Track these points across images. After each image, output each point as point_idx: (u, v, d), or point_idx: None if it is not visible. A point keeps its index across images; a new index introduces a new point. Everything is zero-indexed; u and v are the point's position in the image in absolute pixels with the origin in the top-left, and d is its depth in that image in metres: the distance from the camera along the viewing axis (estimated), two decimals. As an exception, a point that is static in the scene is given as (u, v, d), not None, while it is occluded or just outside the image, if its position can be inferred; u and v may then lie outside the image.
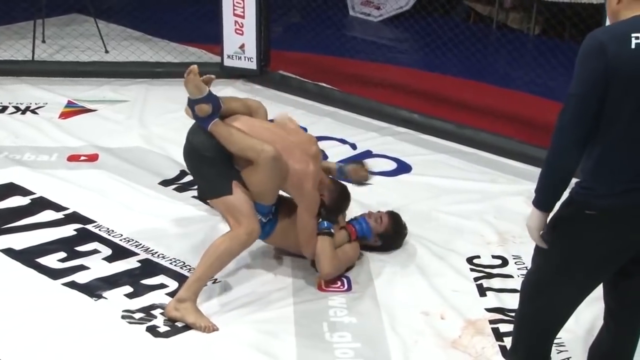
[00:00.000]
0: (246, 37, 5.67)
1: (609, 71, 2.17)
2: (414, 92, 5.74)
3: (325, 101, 5.55)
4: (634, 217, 2.27)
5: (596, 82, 2.19)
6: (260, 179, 3.23)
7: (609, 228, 2.28)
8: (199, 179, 3.51)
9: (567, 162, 2.27)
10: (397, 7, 7.79)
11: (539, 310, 2.47)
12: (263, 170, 3.20)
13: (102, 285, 3.34)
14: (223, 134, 3.23)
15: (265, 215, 3.38)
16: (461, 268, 3.60)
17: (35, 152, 4.58)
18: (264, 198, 3.30)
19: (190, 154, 3.35)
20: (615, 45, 2.18)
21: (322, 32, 6.76)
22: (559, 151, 2.27)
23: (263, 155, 3.18)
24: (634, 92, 2.19)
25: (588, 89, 2.20)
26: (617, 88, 2.19)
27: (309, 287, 3.41)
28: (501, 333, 3.14)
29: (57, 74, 5.81)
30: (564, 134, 2.25)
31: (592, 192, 2.27)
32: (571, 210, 2.33)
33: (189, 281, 3.19)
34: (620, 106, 2.20)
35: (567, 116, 2.24)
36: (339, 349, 3.02)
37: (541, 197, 2.34)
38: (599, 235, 2.29)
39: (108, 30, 6.71)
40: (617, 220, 2.27)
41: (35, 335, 3.01)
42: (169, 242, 3.68)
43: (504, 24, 7.38)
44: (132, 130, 4.96)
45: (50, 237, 3.68)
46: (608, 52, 2.16)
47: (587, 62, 2.21)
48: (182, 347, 3.00)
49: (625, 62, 2.17)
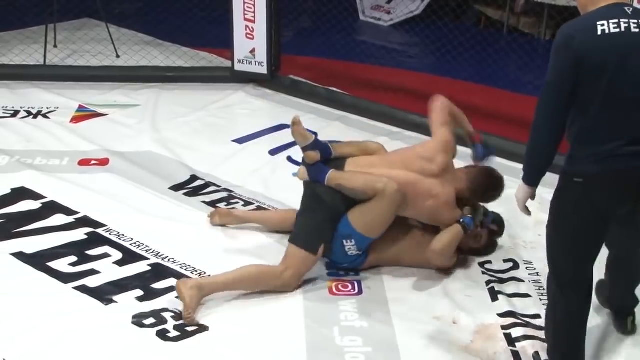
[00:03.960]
0: (257, 42, 5.67)
1: (578, 60, 2.45)
2: (425, 97, 5.70)
3: (335, 106, 5.54)
4: (614, 183, 2.54)
5: (566, 71, 2.47)
6: (380, 210, 3.34)
7: (594, 193, 2.56)
8: (301, 219, 3.47)
9: (546, 143, 2.59)
10: (408, 11, 7.78)
11: (551, 259, 2.77)
12: (386, 201, 3.31)
13: (113, 289, 3.34)
14: (342, 179, 3.37)
15: (360, 249, 3.43)
16: (473, 273, 3.58)
17: (47, 157, 4.59)
18: (375, 231, 3.39)
19: (309, 193, 3.45)
20: (582, 36, 2.46)
21: (333, 36, 6.76)
22: (538, 133, 2.60)
23: (389, 188, 3.31)
24: (603, 75, 2.44)
25: (559, 77, 2.49)
26: (588, 73, 2.45)
27: (320, 291, 3.40)
28: (513, 338, 3.12)
29: (69, 79, 5.83)
30: (542, 118, 2.57)
31: (578, 163, 2.57)
32: (563, 179, 2.64)
33: (217, 279, 3.26)
34: (592, 89, 2.46)
35: (543, 103, 2.55)
36: (350, 353, 3.01)
37: (527, 173, 2.68)
38: (585, 199, 2.57)
39: (119, 35, 6.73)
40: (600, 186, 2.55)
41: (45, 339, 3.01)
42: (179, 246, 3.68)
43: (515, 29, 7.36)
44: (143, 135, 4.97)
45: (61, 241, 3.69)
46: (575, 43, 2.45)
47: (557, 54, 2.51)
48: (191, 352, 2.99)
49: (592, 49, 2.44)
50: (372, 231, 3.40)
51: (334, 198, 3.38)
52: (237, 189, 4.30)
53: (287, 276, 3.31)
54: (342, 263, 3.50)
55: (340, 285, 3.44)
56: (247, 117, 5.40)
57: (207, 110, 5.47)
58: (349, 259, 3.47)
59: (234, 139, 4.98)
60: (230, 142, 4.94)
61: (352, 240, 3.39)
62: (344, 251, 3.43)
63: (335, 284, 3.45)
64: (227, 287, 3.28)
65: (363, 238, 3.40)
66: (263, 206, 4.09)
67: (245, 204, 4.14)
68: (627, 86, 2.47)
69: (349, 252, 3.43)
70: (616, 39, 2.44)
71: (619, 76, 2.45)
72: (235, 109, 5.56)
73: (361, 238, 3.40)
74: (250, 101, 5.67)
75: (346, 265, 3.51)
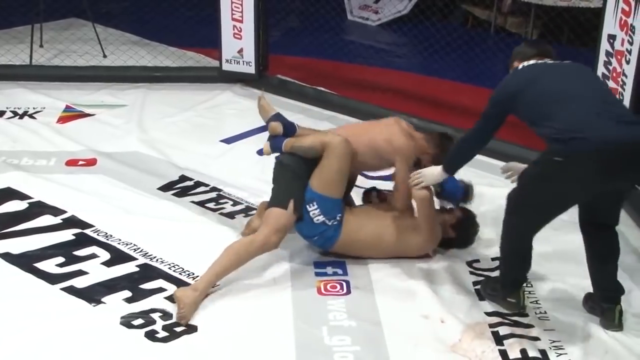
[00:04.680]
0: (244, 42, 5.67)
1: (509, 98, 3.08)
2: (413, 96, 5.74)
3: (323, 105, 5.55)
4: (585, 160, 2.82)
5: (502, 107, 3.13)
6: (331, 163, 3.44)
7: (571, 170, 2.85)
8: (273, 189, 3.58)
9: (478, 150, 3.29)
10: (395, 11, 7.80)
11: (518, 223, 3.13)
12: (334, 152, 3.43)
13: (101, 289, 3.33)
14: (295, 141, 3.55)
15: (330, 218, 3.46)
16: (460, 272, 3.60)
17: (33, 157, 4.57)
18: (332, 187, 3.45)
19: (276, 165, 3.61)
20: (506, 83, 3.12)
21: (321, 36, 6.77)
22: (476, 145, 3.27)
23: (333, 141, 3.45)
24: (533, 89, 3.00)
25: (497, 113, 3.15)
26: (522, 97, 3.02)
27: (308, 291, 3.40)
28: (501, 336, 3.13)
29: (55, 79, 5.81)
30: (481, 134, 3.23)
31: (555, 144, 2.88)
32: (544, 159, 2.97)
33: (206, 274, 3.28)
34: (532, 104, 2.98)
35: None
36: (339, 352, 3.01)
37: (451, 166, 3.35)
38: (563, 175, 2.86)
39: (106, 34, 6.71)
40: (575, 164, 2.84)
41: (33, 341, 2.99)
42: (167, 246, 3.67)
43: (502, 28, 7.39)
44: (130, 135, 4.96)
45: (48, 242, 3.67)
46: (511, 86, 3.09)
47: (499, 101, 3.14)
48: (180, 353, 2.99)
49: (514, 82, 3.09)
50: (328, 188, 3.45)
51: (295, 160, 3.53)
52: (226, 188, 4.30)
53: (262, 235, 3.38)
54: (312, 235, 3.52)
55: (329, 285, 3.44)
56: (235, 117, 5.40)
57: (195, 110, 5.46)
58: (317, 229, 3.48)
59: (222, 139, 4.98)
60: (218, 142, 4.94)
61: (314, 203, 3.44)
62: (310, 218, 3.46)
63: (323, 283, 3.46)
64: (219, 276, 3.31)
65: (323, 199, 3.44)
66: (252, 206, 4.09)
67: (234, 203, 4.14)
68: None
69: (315, 219, 3.46)
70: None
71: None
72: (223, 109, 5.56)
73: (322, 199, 3.44)
74: (238, 101, 5.67)
75: (316, 239, 3.53)
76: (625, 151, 2.80)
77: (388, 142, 3.58)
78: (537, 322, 3.24)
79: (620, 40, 4.06)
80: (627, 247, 3.86)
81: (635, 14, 3.93)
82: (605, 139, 2.79)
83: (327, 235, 3.52)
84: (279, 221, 3.41)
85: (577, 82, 3.00)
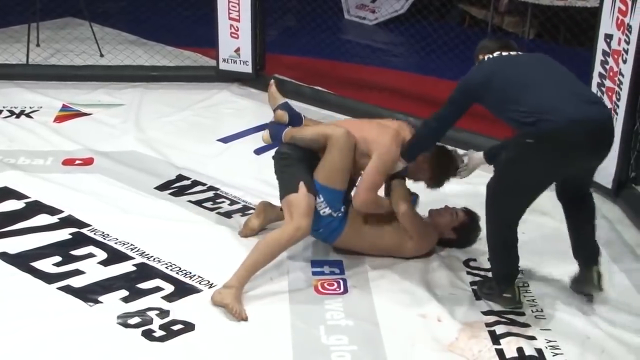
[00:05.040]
0: (241, 41, 5.67)
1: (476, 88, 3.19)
2: (410, 96, 5.74)
3: (320, 105, 5.54)
4: (555, 140, 2.94)
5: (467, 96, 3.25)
6: (334, 156, 3.44)
7: (542, 150, 2.96)
8: (279, 182, 3.59)
9: (438, 138, 3.40)
10: (392, 10, 7.80)
11: (500, 210, 3.21)
12: (336, 145, 3.43)
13: (98, 289, 3.32)
14: (296, 132, 3.57)
15: (336, 210, 3.47)
16: (457, 271, 3.60)
17: (30, 156, 4.56)
18: (336, 179, 3.46)
19: (275, 158, 3.62)
20: (473, 73, 3.24)
21: (318, 35, 6.77)
22: (436, 133, 3.37)
23: (336, 132, 3.46)
24: (499, 78, 3.11)
25: (461, 101, 3.28)
26: (488, 87, 3.12)
27: (305, 290, 3.40)
28: (497, 335, 3.14)
29: (52, 78, 5.80)
30: (443, 124, 3.33)
31: (524, 127, 2.98)
32: (515, 142, 3.09)
33: (238, 270, 3.29)
34: (498, 91, 3.09)
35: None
36: (336, 352, 3.01)
37: (411, 154, 3.46)
38: (536, 156, 2.98)
39: (103, 34, 6.70)
40: (546, 144, 2.94)
41: (29, 340, 2.99)
42: (164, 245, 3.67)
43: (499, 28, 7.39)
44: (127, 134, 4.95)
45: (45, 241, 3.66)
46: (470, 81, 3.22)
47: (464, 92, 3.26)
48: (177, 352, 2.98)
49: (480, 73, 3.19)
50: (332, 179, 3.46)
51: (293, 148, 3.55)
52: (223, 188, 4.29)
53: (291, 224, 3.37)
54: (318, 228, 3.52)
55: (326, 284, 3.44)
56: (232, 117, 5.40)
57: (192, 110, 5.46)
58: (323, 221, 3.49)
59: (219, 139, 4.98)
60: (216, 142, 4.94)
61: (320, 196, 3.45)
62: (316, 210, 3.46)
63: (320, 282, 3.46)
64: (250, 271, 3.31)
65: (328, 191, 3.45)
66: (249, 205, 4.09)
67: (231, 203, 4.14)
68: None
69: (321, 212, 3.47)
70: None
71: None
72: (220, 108, 5.56)
73: (327, 191, 3.45)
74: (235, 100, 5.66)
75: (322, 232, 3.53)
76: (593, 128, 2.94)
77: (371, 141, 3.52)
78: (533, 321, 3.24)
79: (617, 40, 4.07)
80: (625, 248, 3.87)
81: (632, 14, 3.93)
82: (572, 117, 2.91)
83: (333, 227, 3.52)
84: (300, 205, 3.39)
85: (541, 69, 3.13)
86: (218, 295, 3.24)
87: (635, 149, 4.15)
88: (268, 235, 3.42)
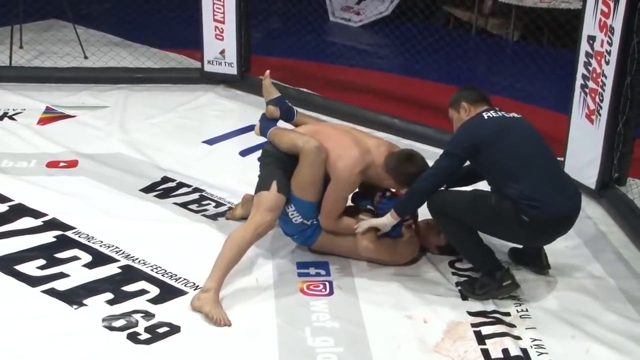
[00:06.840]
0: (226, 43, 5.66)
1: (478, 146, 3.28)
2: (395, 98, 5.76)
3: (306, 106, 5.52)
4: (536, 224, 3.24)
5: (469, 152, 3.31)
6: (304, 169, 3.43)
7: (524, 226, 3.25)
8: (259, 177, 3.60)
9: (433, 193, 3.38)
10: (377, 12, 7.82)
11: (455, 212, 3.35)
12: (306, 159, 3.41)
13: (82, 292, 3.31)
14: (276, 135, 3.56)
15: (309, 219, 3.49)
16: (443, 272, 3.61)
17: (14, 159, 4.53)
18: (307, 192, 3.45)
19: (262, 153, 3.66)
20: (477, 130, 3.31)
21: (303, 37, 6.77)
22: (434, 186, 3.36)
23: (307, 146, 3.42)
24: (501, 145, 3.27)
25: (462, 156, 3.33)
26: (489, 149, 3.26)
27: (291, 292, 3.40)
28: (483, 336, 3.15)
29: (36, 80, 5.76)
30: (438, 180, 3.37)
31: (522, 206, 3.22)
32: (513, 210, 3.24)
33: (212, 272, 3.27)
34: (499, 159, 3.27)
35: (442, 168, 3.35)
36: (322, 353, 3.01)
37: (404, 211, 3.45)
38: (515, 226, 3.27)
39: (87, 35, 6.67)
40: (530, 223, 3.24)
41: (13, 343, 2.97)
42: (149, 248, 3.65)
43: (483, 30, 7.43)
44: (112, 136, 4.93)
45: (29, 244, 3.64)
46: (475, 137, 3.29)
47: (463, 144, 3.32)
48: (162, 354, 2.97)
49: (486, 132, 3.29)
50: (303, 191, 3.46)
51: (278, 149, 3.55)
52: (209, 189, 4.29)
53: (255, 219, 3.38)
54: (292, 234, 3.58)
55: (312, 286, 3.44)
56: (217, 118, 5.39)
57: (177, 112, 5.44)
58: (296, 228, 3.53)
59: (205, 140, 4.97)
60: (201, 143, 4.93)
61: (291, 205, 3.48)
62: (289, 218, 3.51)
63: (306, 284, 3.46)
64: (224, 270, 3.29)
65: (300, 202, 3.47)
66: (234, 207, 4.08)
67: (217, 205, 4.13)
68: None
69: (293, 219, 3.50)
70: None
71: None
72: (206, 110, 5.54)
73: (299, 202, 3.47)
74: (221, 102, 5.66)
75: (296, 238, 3.59)
76: (572, 219, 3.37)
77: (331, 162, 3.43)
78: (518, 321, 3.26)
79: (599, 42, 4.09)
80: (609, 247, 3.89)
81: (615, 15, 3.96)
82: (563, 213, 3.29)
83: (306, 235, 3.56)
84: (267, 201, 3.41)
85: (534, 146, 3.34)
86: (197, 301, 3.21)
87: (619, 149, 4.18)
88: (233, 233, 3.40)
